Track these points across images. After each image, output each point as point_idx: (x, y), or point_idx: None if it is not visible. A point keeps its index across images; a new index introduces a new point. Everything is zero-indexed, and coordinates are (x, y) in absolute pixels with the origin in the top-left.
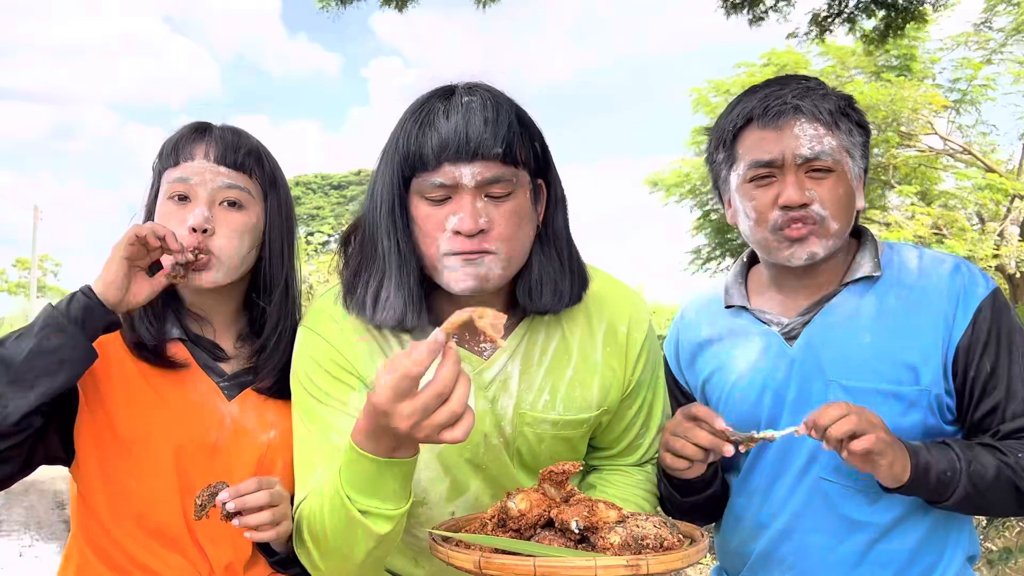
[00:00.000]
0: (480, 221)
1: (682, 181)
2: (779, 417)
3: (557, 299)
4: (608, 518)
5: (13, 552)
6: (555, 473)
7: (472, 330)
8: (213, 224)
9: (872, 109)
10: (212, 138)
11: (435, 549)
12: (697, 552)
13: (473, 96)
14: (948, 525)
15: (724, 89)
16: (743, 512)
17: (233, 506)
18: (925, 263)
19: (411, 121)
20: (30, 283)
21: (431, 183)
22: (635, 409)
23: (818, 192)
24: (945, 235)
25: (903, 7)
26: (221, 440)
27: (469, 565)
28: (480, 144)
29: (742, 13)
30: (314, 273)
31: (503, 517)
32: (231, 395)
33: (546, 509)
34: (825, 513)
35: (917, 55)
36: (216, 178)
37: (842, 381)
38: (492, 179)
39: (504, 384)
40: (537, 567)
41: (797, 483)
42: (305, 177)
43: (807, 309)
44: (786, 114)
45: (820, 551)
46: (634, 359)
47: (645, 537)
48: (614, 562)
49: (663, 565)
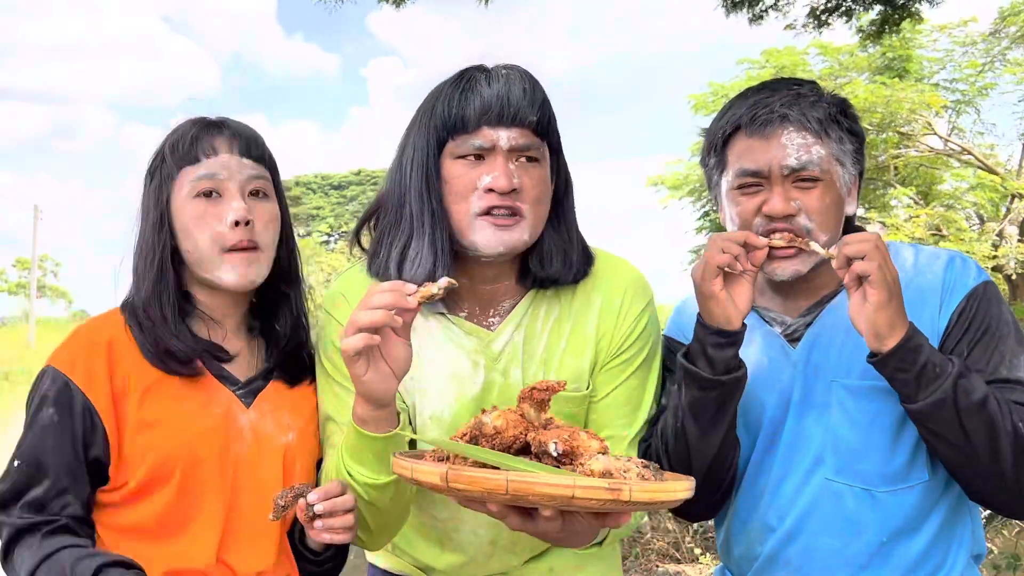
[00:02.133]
0: (514, 181)
1: (681, 183)
2: (783, 420)
3: (567, 269)
4: (589, 447)
5: None
6: (537, 391)
7: (486, 302)
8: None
9: (869, 111)
10: (231, 132)
11: (397, 466)
12: (685, 488)
13: (512, 70)
14: (954, 525)
15: (723, 94)
16: (749, 514)
17: (322, 507)
18: (921, 260)
19: (451, 86)
20: (30, 283)
21: (470, 144)
22: (619, 384)
23: (804, 202)
24: (944, 235)
25: (899, 3)
26: (244, 452)
27: (436, 479)
28: (519, 110)
29: (741, 11)
30: (314, 273)
31: (476, 434)
32: (248, 402)
33: (523, 431)
34: (832, 514)
35: (914, 56)
36: (243, 170)
37: (843, 381)
38: (524, 146)
39: (514, 355)
40: (510, 482)
41: (804, 484)
42: (305, 177)
43: (808, 310)
44: (773, 123)
45: (827, 553)
46: (627, 326)
47: (627, 471)
48: (594, 483)
49: (647, 494)
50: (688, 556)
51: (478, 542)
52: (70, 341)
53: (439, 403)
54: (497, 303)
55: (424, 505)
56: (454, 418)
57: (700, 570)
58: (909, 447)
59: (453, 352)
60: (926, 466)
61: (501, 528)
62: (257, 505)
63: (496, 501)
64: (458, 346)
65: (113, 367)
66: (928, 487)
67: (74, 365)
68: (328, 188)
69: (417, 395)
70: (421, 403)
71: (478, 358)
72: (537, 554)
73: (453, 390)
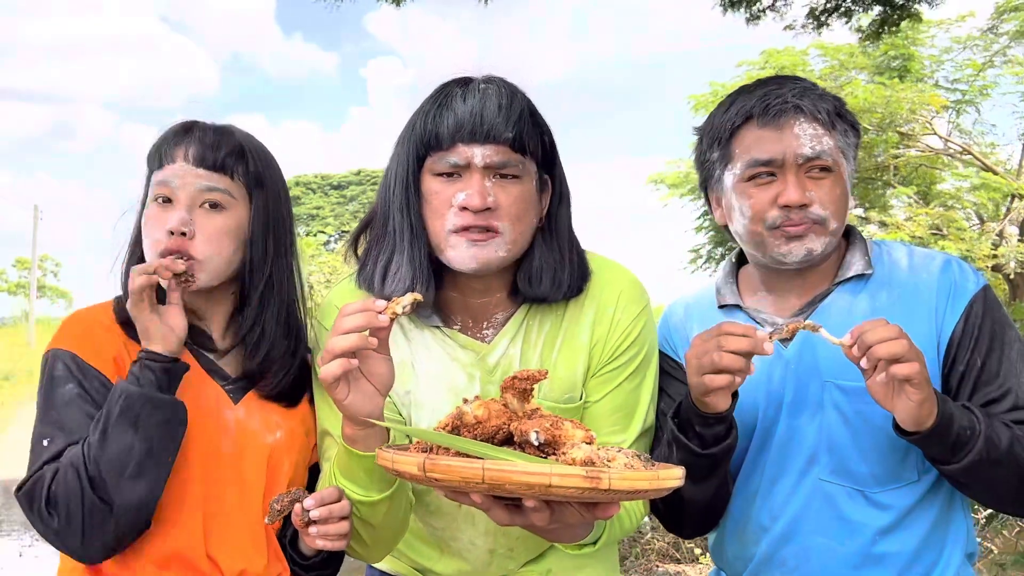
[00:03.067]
0: (488, 200)
1: (681, 182)
2: (776, 420)
3: (556, 288)
4: (573, 436)
5: (13, 552)
6: (519, 380)
7: (478, 315)
8: (193, 227)
9: (869, 111)
10: (192, 139)
11: (380, 457)
12: (671, 477)
13: (490, 84)
14: (947, 523)
15: (724, 94)
16: (743, 515)
17: (318, 514)
18: (916, 260)
19: (430, 101)
20: (30, 283)
21: (445, 162)
22: (611, 390)
23: (817, 192)
24: (944, 235)
25: (898, 3)
26: (227, 446)
27: (414, 469)
28: (493, 127)
29: (739, 10)
30: (314, 273)
31: (458, 424)
32: (236, 398)
33: (506, 421)
34: (826, 515)
35: (916, 55)
36: (196, 180)
37: (838, 381)
38: (501, 163)
39: (509, 367)
40: (486, 470)
41: (797, 485)
42: (305, 177)
43: (800, 310)
44: (787, 113)
45: (822, 553)
46: (621, 332)
47: (612, 460)
48: (571, 471)
49: (627, 482)
50: (688, 556)
51: (476, 551)
52: (67, 324)
53: (437, 415)
54: (490, 316)
55: (421, 515)
56: None
57: (700, 570)
58: (901, 448)
59: (448, 365)
60: (917, 466)
61: (498, 538)
62: (240, 502)
63: (474, 490)
64: (453, 359)
65: (111, 345)
66: (920, 487)
67: (77, 342)
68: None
69: (414, 408)
70: (418, 416)
71: (473, 371)
72: (535, 556)
73: (450, 402)
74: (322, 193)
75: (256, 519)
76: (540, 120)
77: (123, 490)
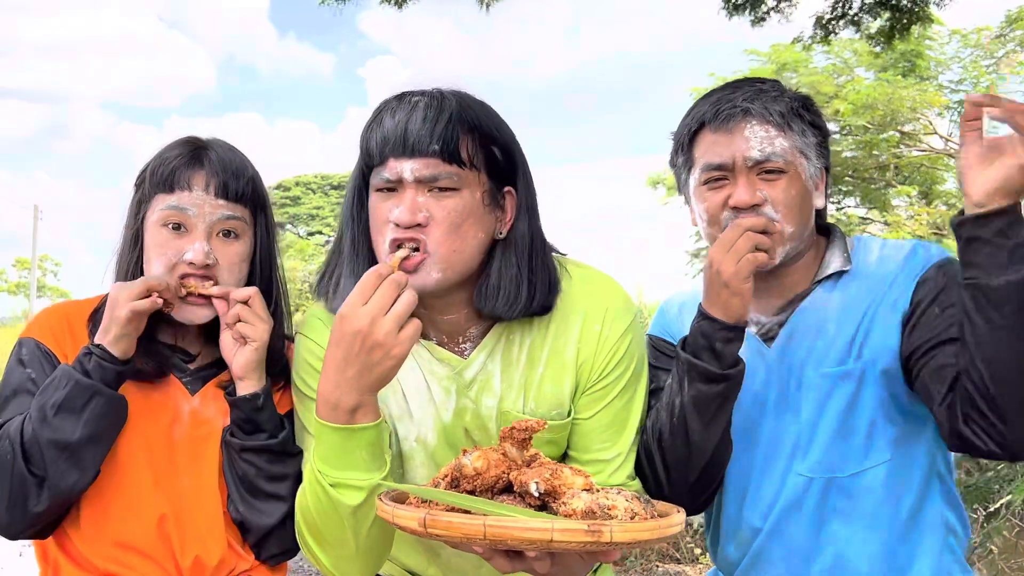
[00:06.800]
0: (419, 216)
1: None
2: (760, 421)
3: (511, 306)
4: (573, 484)
5: (13, 552)
6: (517, 431)
7: (451, 331)
8: (214, 257)
9: (870, 107)
10: (211, 167)
11: (380, 509)
12: (671, 525)
13: (422, 97)
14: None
15: None
16: (734, 515)
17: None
18: (886, 251)
19: (370, 117)
20: (30, 283)
21: (380, 177)
22: (602, 408)
23: (770, 193)
24: (945, 234)
25: (908, 8)
26: (179, 434)
27: (414, 524)
28: (417, 140)
29: (744, 15)
30: (314, 273)
31: (457, 476)
32: (194, 389)
33: (505, 471)
34: (808, 509)
35: (924, 53)
36: (216, 211)
37: (808, 372)
38: (431, 176)
39: (486, 383)
40: (487, 527)
41: (781, 483)
42: (305, 177)
43: (781, 308)
44: (736, 117)
45: (808, 547)
46: (609, 349)
47: (613, 507)
48: (573, 526)
49: (629, 535)
50: (688, 556)
51: (463, 564)
52: (42, 314)
53: (423, 427)
54: (463, 331)
55: None
56: (438, 441)
57: (700, 570)
58: (864, 425)
59: (428, 377)
60: (887, 446)
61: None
62: (196, 490)
63: (476, 545)
64: (431, 372)
65: (82, 340)
66: (892, 467)
67: (45, 332)
68: (328, 188)
69: (398, 422)
70: (406, 428)
71: (449, 385)
72: None
73: (431, 412)
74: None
75: (214, 508)
76: (489, 129)
77: (61, 472)
